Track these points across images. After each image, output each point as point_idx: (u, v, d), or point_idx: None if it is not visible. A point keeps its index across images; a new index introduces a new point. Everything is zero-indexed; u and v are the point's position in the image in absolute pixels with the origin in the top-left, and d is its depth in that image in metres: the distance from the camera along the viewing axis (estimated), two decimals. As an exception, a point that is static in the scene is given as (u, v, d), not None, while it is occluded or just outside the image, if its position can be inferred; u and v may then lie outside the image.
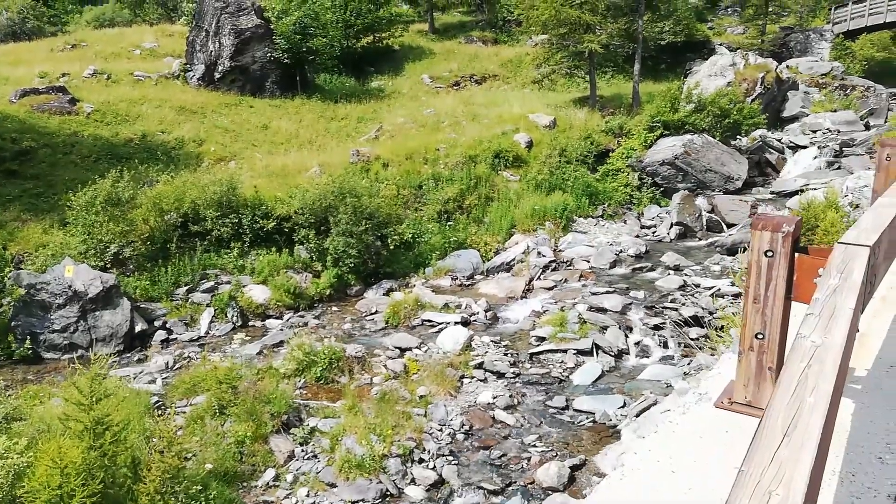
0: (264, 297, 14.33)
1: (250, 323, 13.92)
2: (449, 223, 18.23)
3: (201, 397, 9.92)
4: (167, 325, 13.39)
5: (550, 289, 14.78)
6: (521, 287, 14.97)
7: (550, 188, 20.18)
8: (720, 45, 34.87)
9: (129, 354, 12.61)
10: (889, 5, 35.39)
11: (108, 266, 14.07)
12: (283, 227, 15.93)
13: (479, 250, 17.28)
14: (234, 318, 13.78)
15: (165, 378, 11.44)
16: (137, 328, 13.04)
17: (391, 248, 16.09)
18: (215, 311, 13.83)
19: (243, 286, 14.53)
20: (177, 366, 12.01)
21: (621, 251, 16.75)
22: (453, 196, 18.99)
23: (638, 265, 15.93)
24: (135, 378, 11.32)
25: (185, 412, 9.75)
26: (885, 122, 26.35)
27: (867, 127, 25.95)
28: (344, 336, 13.05)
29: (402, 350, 12.08)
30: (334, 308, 14.66)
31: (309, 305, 14.67)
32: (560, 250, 17.22)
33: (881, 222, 2.82)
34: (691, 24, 35.28)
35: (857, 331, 2.21)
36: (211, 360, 11.39)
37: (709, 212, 19.98)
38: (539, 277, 15.46)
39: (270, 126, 24.03)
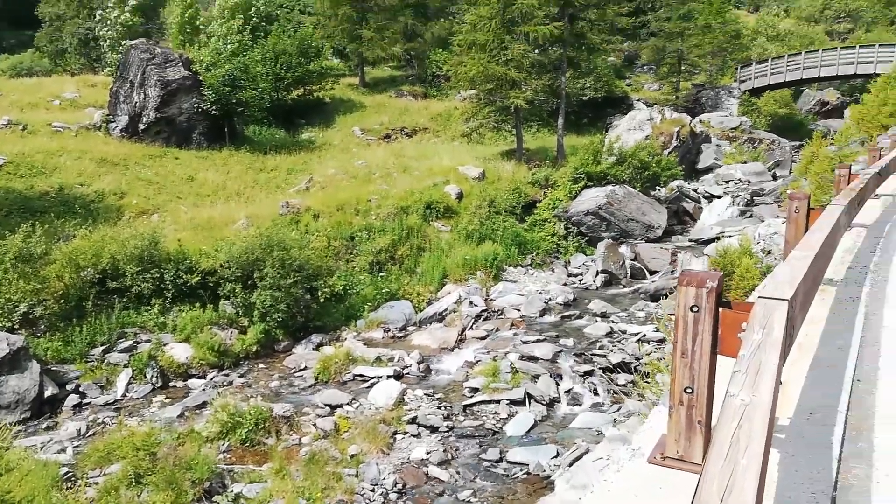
0: (187, 355, 13.69)
1: (171, 384, 13.23)
2: (381, 274, 18.10)
3: (116, 466, 9.26)
4: (80, 389, 12.56)
5: (483, 338, 14.78)
6: (453, 337, 14.90)
7: (481, 238, 20.42)
8: (638, 100, 36.73)
9: (36, 422, 11.70)
10: (788, 66, 38.39)
11: (17, 327, 13.17)
12: (208, 282, 15.39)
13: (411, 301, 17.18)
14: (154, 379, 13.08)
15: (77, 446, 10.65)
16: (47, 393, 12.16)
17: (321, 300, 15.78)
18: (133, 371, 13.09)
19: (164, 345, 13.86)
20: (90, 432, 11.23)
21: (550, 299, 17.00)
22: (385, 247, 18.92)
23: (567, 313, 16.19)
24: (42, 448, 10.49)
25: (97, 483, 9.06)
26: (790, 172, 28.17)
27: (774, 177, 27.69)
28: (271, 395, 12.57)
29: (333, 407, 11.72)
30: (261, 365, 14.15)
31: (234, 363, 14.11)
32: (491, 299, 17.32)
33: (796, 275, 2.94)
34: (611, 80, 37.09)
35: (780, 383, 2.25)
36: (128, 424, 10.70)
37: (632, 259, 20.65)
38: (471, 327, 15.46)
39: (197, 178, 23.47)
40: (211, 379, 13.36)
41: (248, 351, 14.42)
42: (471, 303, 16.56)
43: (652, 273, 19.83)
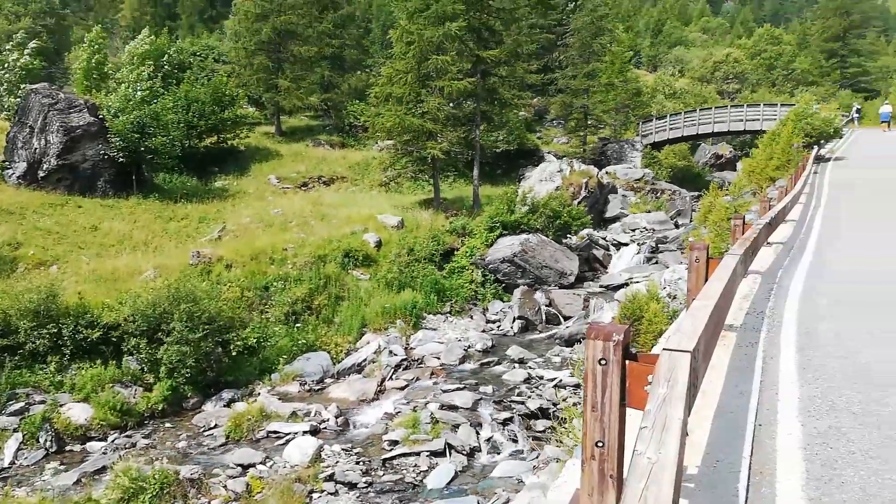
0: (86, 416, 12.81)
1: (67, 448, 12.30)
2: (297, 325, 17.69)
3: (0, 544, 8.45)
4: (-40, 458, 11.47)
5: (403, 388, 14.63)
6: (373, 388, 14.67)
7: (401, 286, 20.41)
8: (548, 153, 38.23)
9: None
10: (685, 122, 41.12)
11: None
12: (111, 337, 14.56)
13: (329, 352, 16.85)
14: (48, 444, 12.13)
15: (-46, 524, 9.67)
16: (-80, 464, 11.04)
17: (233, 354, 15.22)
18: (24, 436, 12.10)
19: (60, 405, 12.92)
20: (-30, 507, 10.22)
21: (470, 346, 17.11)
22: (302, 296, 18.57)
23: (486, 360, 16.31)
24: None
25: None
26: (691, 221, 29.88)
27: (676, 225, 29.29)
28: (178, 456, 11.90)
29: (245, 467, 11.21)
30: (168, 424, 13.40)
31: (138, 423, 13.31)
32: (411, 348, 17.24)
33: (698, 325, 3.12)
34: (522, 134, 38.49)
35: (687, 434, 2.36)
36: (15, 496, 9.83)
37: (547, 305, 21.16)
38: (391, 377, 15.29)
39: (101, 227, 22.36)
40: (112, 441, 12.52)
41: (153, 409, 13.65)
42: (390, 352, 16.42)
43: (566, 318, 20.35)
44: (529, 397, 13.40)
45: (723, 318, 4.69)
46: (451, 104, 28.50)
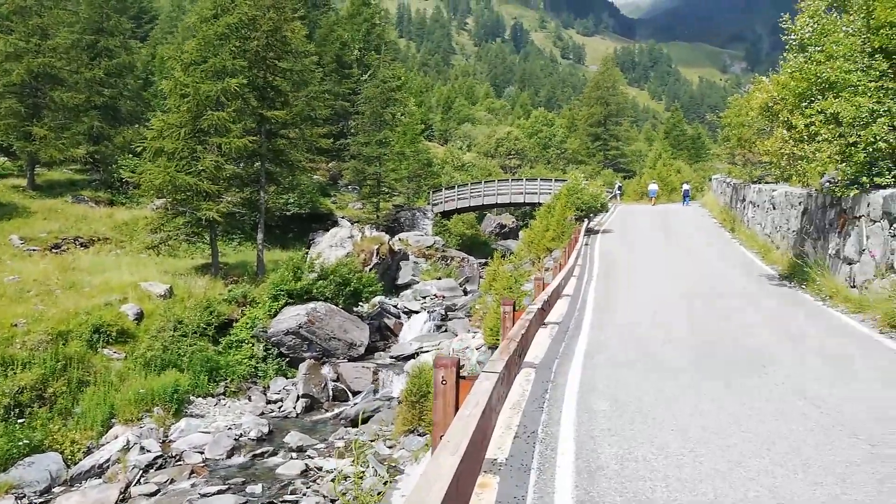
0: None
1: None
2: (21, 420, 14.38)
3: None
4: None
5: (153, 494, 12.25)
6: (113, 497, 12.09)
7: (163, 366, 17.81)
8: (343, 217, 37.52)
9: None
10: (471, 193, 42.99)
11: None
12: None
13: (62, 452, 13.83)
14: None
15: None
16: None
17: (-80, 466, 11.77)
18: None
19: None
20: None
21: (242, 435, 15.11)
22: (31, 383, 15.26)
23: (260, 450, 14.42)
24: None
25: None
26: (478, 287, 30.61)
27: (465, 292, 29.77)
28: None
29: None
30: None
31: None
32: (171, 441, 14.79)
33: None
34: (315, 197, 37.46)
35: None
36: None
37: (335, 380, 19.81)
38: (139, 481, 12.79)
39: None
40: None
41: None
42: (142, 448, 13.89)
43: (355, 394, 19.13)
44: (304, 494, 11.82)
45: (477, 470, 3.41)
46: (234, 163, 26.68)
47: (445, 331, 23.32)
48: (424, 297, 27.61)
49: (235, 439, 14.74)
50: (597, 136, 64.87)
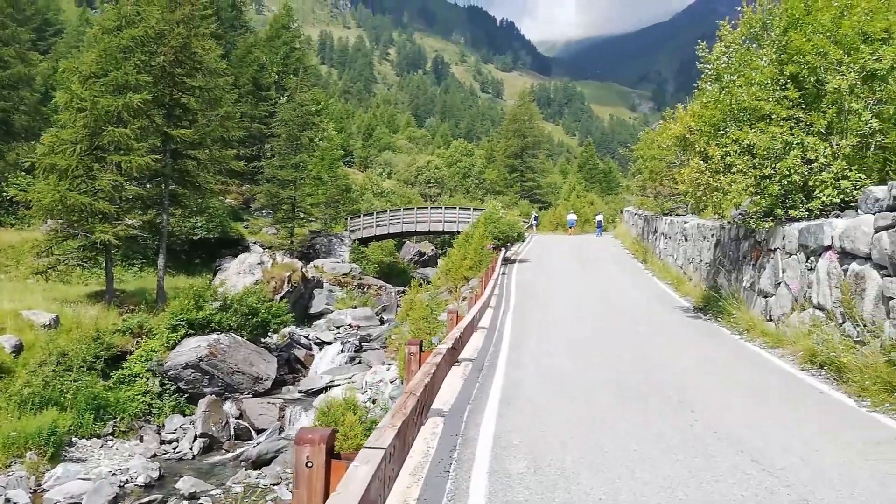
0: None
1: None
2: None
3: None
4: None
5: (15, 554, 10.74)
6: (-34, 560, 10.52)
7: (42, 404, 16.08)
8: (255, 243, 35.99)
9: None
10: (390, 220, 42.38)
11: None
12: None
13: None
14: None
15: None
16: None
17: None
18: None
19: None
20: None
21: (128, 481, 13.68)
22: None
23: (147, 498, 13.07)
24: None
25: None
26: (396, 316, 29.87)
27: (382, 321, 28.91)
28: None
29: None
30: None
31: None
32: (43, 490, 13.18)
33: None
34: (226, 222, 35.79)
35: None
36: None
37: (237, 418, 18.54)
38: (0, 539, 11.23)
39: None
40: None
41: None
42: (7, 501, 12.25)
43: (259, 432, 17.92)
44: (193, 548, 10.67)
45: None
46: (136, 184, 25.02)
47: (359, 363, 22.40)
48: (339, 327, 26.59)
49: (120, 486, 13.31)
50: (514, 167, 65.91)
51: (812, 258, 8.94)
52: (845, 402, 7.05)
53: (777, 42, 10.79)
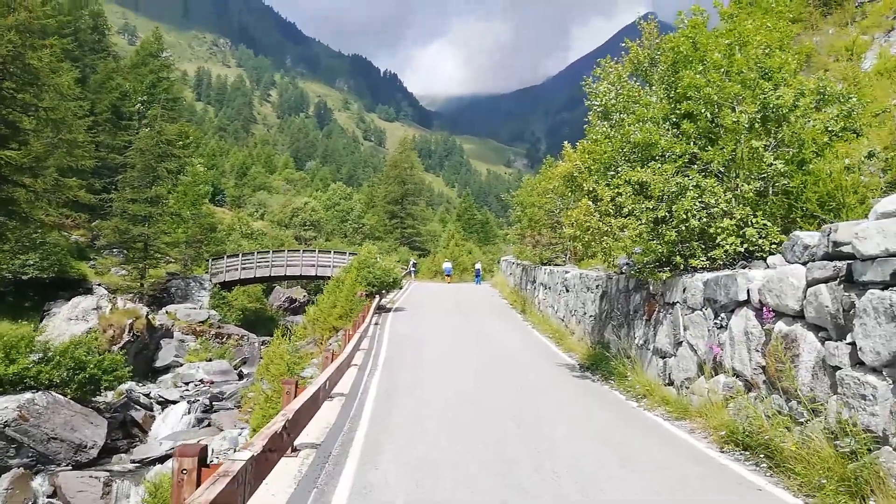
0: None
1: None
2: None
3: None
4: None
5: None
6: None
7: None
8: (99, 285, 31.90)
9: None
10: (259, 262, 39.52)
11: None
12: None
13: None
14: None
15: None
16: None
17: None
18: None
19: None
20: None
21: None
22: None
23: None
24: None
25: None
26: (255, 370, 27.10)
27: (241, 376, 26.07)
28: None
29: None
30: None
31: None
32: None
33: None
34: (65, 260, 31.56)
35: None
36: None
37: (50, 496, 15.32)
38: None
39: None
40: None
41: None
42: None
43: (74, 513, 14.77)
44: None
45: None
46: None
47: (208, 425, 19.63)
48: (188, 383, 23.52)
49: None
50: (394, 213, 65.01)
51: (723, 314, 7.78)
52: (794, 505, 5.71)
53: (666, 78, 10.20)
